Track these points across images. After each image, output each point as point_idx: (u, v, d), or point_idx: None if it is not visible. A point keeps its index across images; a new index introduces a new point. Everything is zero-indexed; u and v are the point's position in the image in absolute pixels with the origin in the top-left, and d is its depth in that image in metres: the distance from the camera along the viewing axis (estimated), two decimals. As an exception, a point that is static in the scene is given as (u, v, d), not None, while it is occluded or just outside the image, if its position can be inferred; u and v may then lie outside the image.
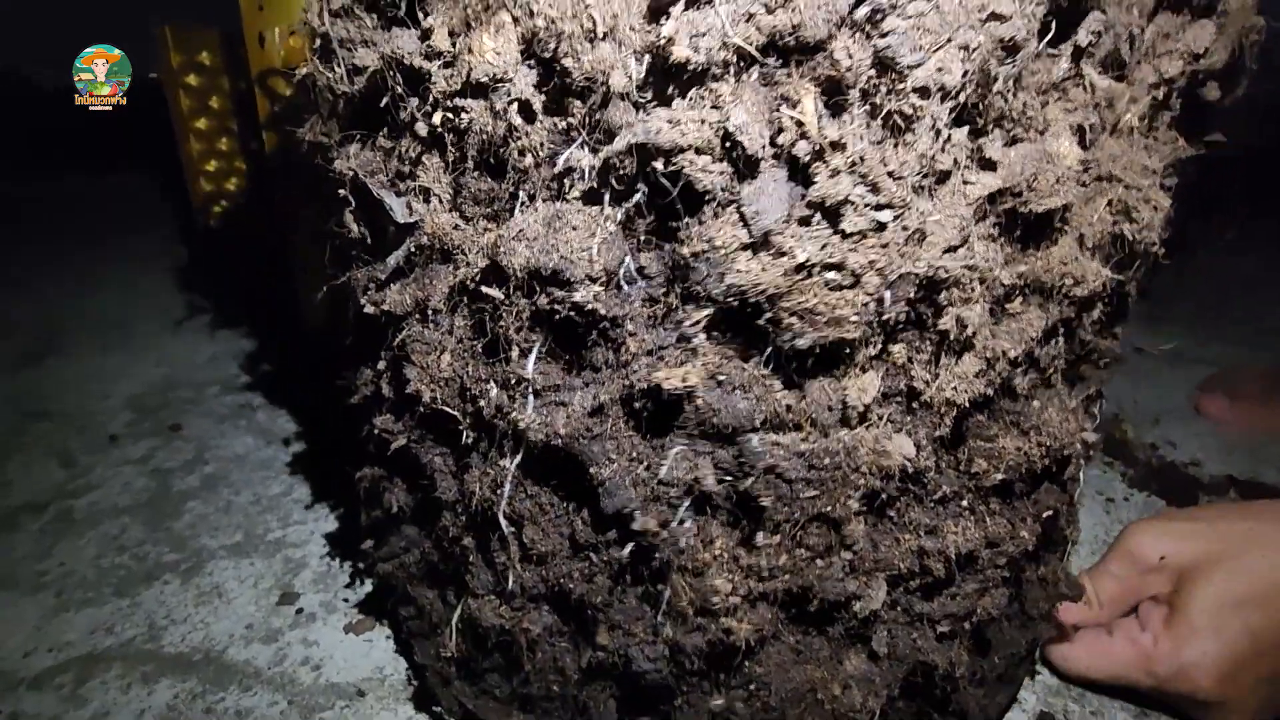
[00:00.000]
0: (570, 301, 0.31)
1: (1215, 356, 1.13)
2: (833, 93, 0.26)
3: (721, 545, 0.34)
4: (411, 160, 0.38)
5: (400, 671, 0.57)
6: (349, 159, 0.41)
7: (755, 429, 0.31)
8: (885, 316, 0.28)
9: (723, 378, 0.30)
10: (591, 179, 0.31)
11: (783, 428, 0.31)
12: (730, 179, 0.28)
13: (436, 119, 0.35)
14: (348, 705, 0.55)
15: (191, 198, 1.24)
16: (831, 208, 0.26)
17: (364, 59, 0.37)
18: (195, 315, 1.41)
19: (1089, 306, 0.35)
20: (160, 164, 1.85)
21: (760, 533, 0.33)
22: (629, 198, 0.30)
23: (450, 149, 0.36)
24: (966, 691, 0.43)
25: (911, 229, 0.27)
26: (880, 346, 0.30)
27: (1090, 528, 0.75)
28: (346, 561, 0.70)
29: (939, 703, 0.42)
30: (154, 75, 1.18)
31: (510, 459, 0.36)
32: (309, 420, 0.99)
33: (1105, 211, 0.32)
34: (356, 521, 0.56)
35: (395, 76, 0.36)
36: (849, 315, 0.28)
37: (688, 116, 0.27)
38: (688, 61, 0.26)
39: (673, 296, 0.30)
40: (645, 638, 0.37)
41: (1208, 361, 1.11)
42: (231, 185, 1.26)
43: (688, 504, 0.33)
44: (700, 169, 0.27)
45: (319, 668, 0.58)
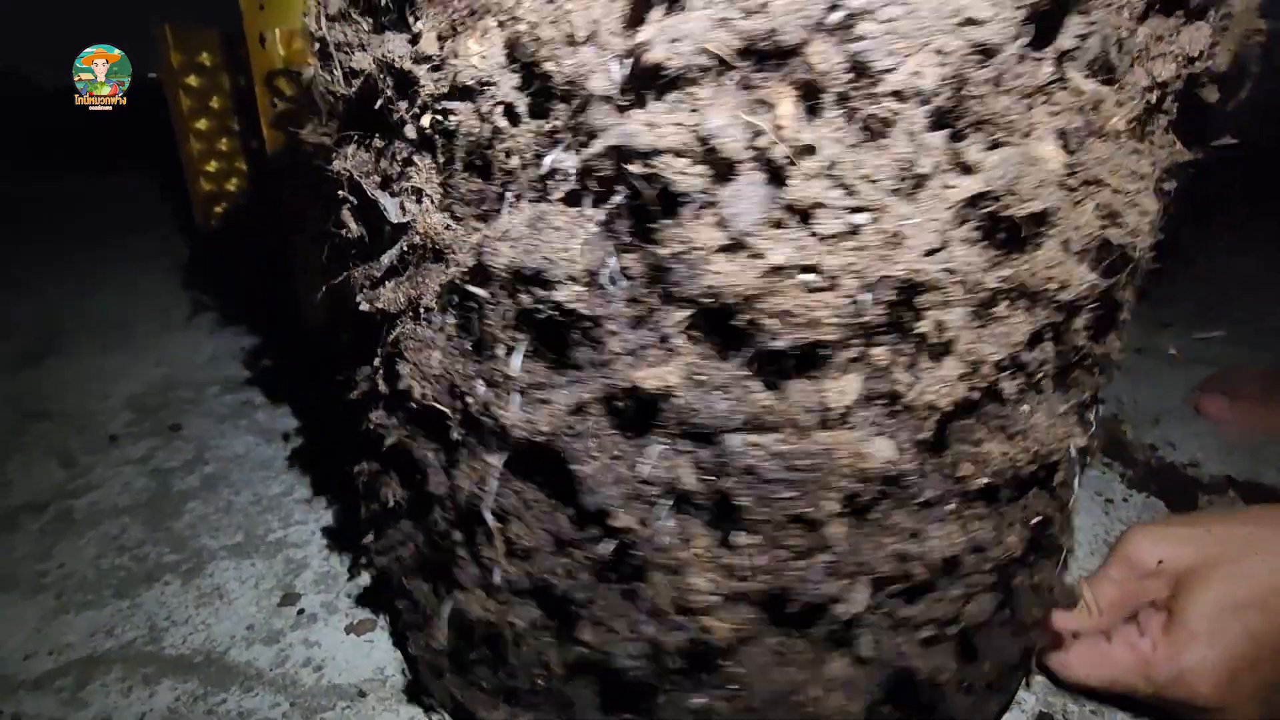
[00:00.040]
0: (552, 301, 0.31)
1: (1215, 356, 1.13)
2: (809, 97, 0.26)
3: (701, 544, 0.34)
4: (403, 161, 0.38)
5: (401, 671, 0.58)
6: (346, 159, 0.42)
7: (734, 429, 0.31)
8: (863, 319, 0.29)
9: (702, 378, 0.30)
10: (574, 181, 0.31)
11: (762, 428, 0.31)
12: (708, 181, 0.28)
13: (426, 121, 0.35)
14: (349, 706, 0.55)
15: (191, 198, 1.25)
16: (807, 210, 0.26)
17: (360, 62, 0.38)
18: (195, 315, 1.41)
19: (1076, 311, 0.34)
20: (160, 164, 1.86)
21: (740, 533, 0.33)
22: (610, 199, 0.30)
23: (440, 150, 0.36)
24: (954, 698, 0.43)
25: (889, 232, 0.27)
26: (860, 349, 0.30)
27: (1089, 528, 0.75)
28: (348, 560, 0.71)
29: (925, 708, 0.42)
30: (154, 75, 1.19)
31: (496, 455, 0.37)
32: (309, 420, 0.99)
33: (1092, 215, 0.32)
34: (357, 520, 0.56)
35: (386, 79, 0.37)
36: (826, 317, 0.28)
37: (665, 120, 0.27)
38: (665, 66, 0.26)
39: (654, 297, 0.31)
40: (626, 635, 0.37)
41: (1208, 361, 1.11)
42: (231, 185, 1.26)
43: (667, 502, 0.33)
44: (678, 171, 0.27)
45: (320, 668, 0.59)
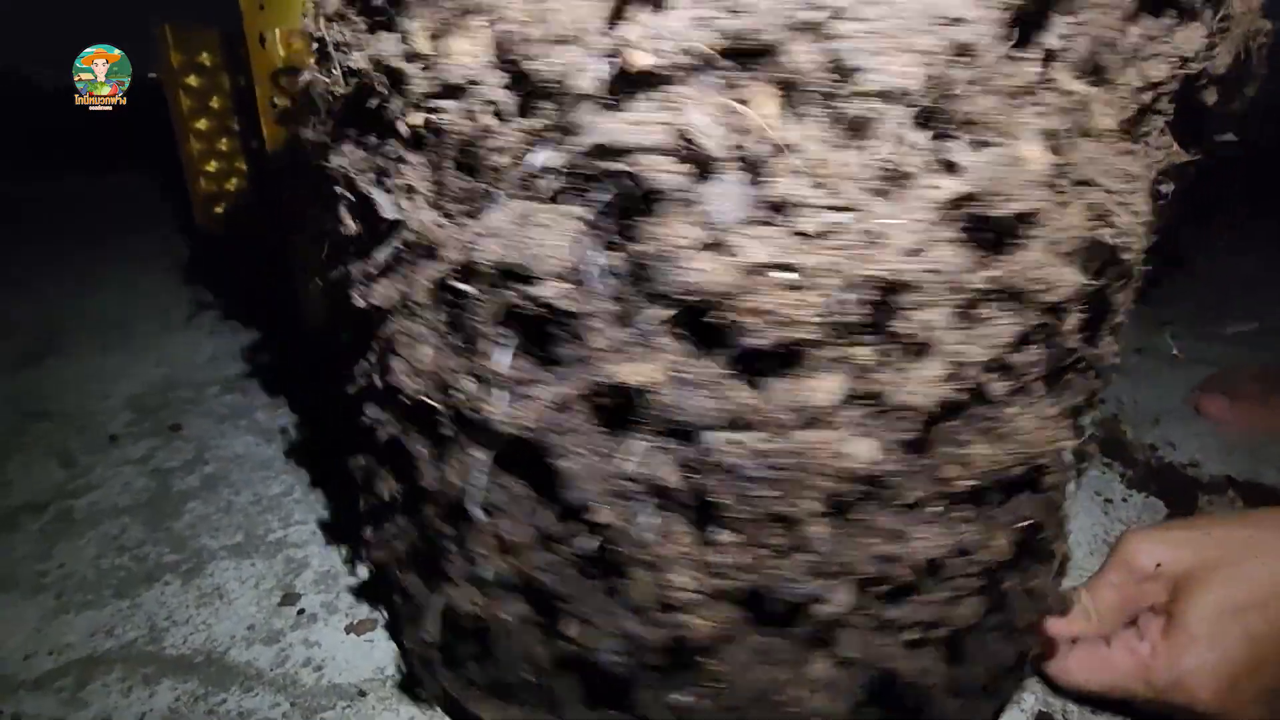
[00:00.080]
0: (538, 298, 0.32)
1: (1215, 356, 1.13)
2: (791, 96, 0.26)
3: (682, 541, 0.34)
4: (396, 158, 0.38)
5: (400, 670, 0.58)
6: (343, 157, 0.42)
7: (716, 427, 0.31)
8: (845, 319, 0.29)
9: (685, 375, 0.31)
10: (560, 178, 0.31)
11: (744, 427, 0.31)
12: (690, 179, 0.28)
13: (418, 119, 0.36)
14: (349, 705, 0.55)
15: (191, 198, 1.24)
16: (788, 209, 0.26)
17: (357, 62, 0.38)
18: (195, 315, 1.42)
19: (1065, 313, 0.34)
20: (160, 164, 1.86)
21: (721, 531, 0.33)
22: (595, 197, 0.30)
23: (431, 148, 0.36)
24: (944, 700, 0.42)
25: (871, 232, 0.27)
26: (842, 349, 0.30)
27: (1089, 528, 0.75)
28: (347, 560, 0.71)
29: (911, 711, 0.42)
30: (154, 75, 1.19)
31: (484, 451, 0.37)
32: (309, 420, 0.99)
33: (1081, 216, 0.32)
34: (356, 518, 0.57)
35: (380, 78, 0.37)
36: (806, 316, 0.28)
37: (649, 118, 0.27)
38: (647, 65, 0.26)
39: (637, 295, 0.31)
40: (609, 631, 0.37)
41: (1208, 361, 1.10)
42: (231, 185, 1.26)
43: (649, 499, 0.34)
44: (660, 169, 0.27)
45: (321, 668, 0.59)
